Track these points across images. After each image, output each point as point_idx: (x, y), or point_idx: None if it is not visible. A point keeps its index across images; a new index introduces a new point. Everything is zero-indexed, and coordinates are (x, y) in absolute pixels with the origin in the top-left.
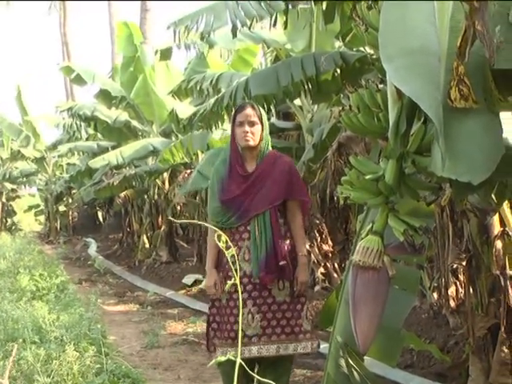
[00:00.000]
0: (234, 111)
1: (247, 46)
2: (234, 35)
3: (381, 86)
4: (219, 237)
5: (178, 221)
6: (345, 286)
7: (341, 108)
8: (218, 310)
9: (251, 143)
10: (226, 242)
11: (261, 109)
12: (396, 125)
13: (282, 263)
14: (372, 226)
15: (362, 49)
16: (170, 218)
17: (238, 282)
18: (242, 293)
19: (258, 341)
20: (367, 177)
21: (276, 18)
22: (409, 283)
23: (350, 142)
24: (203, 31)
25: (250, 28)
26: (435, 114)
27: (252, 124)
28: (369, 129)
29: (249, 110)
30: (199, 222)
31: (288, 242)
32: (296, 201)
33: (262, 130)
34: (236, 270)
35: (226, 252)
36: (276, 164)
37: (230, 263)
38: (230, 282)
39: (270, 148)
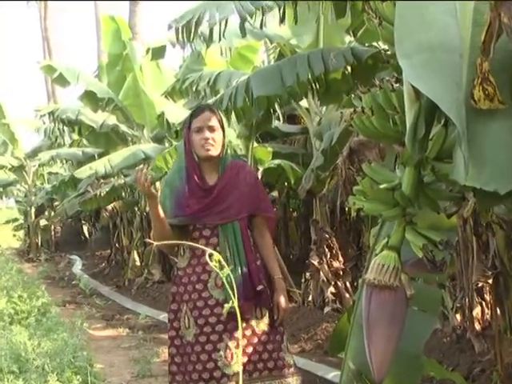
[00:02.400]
0: (188, 116)
1: (248, 42)
2: (243, 32)
3: (396, 85)
4: (211, 256)
5: (157, 242)
6: (358, 308)
7: (352, 110)
8: (179, 349)
9: (212, 152)
10: (220, 261)
11: (220, 113)
12: (413, 128)
13: (259, 288)
14: (387, 241)
15: (375, 44)
16: (147, 240)
17: (236, 304)
18: (215, 324)
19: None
20: (382, 186)
21: (284, 10)
22: (429, 304)
23: (363, 147)
24: (209, 23)
25: (262, 23)
26: (457, 116)
27: (212, 130)
28: (383, 133)
29: (207, 114)
30: (187, 243)
31: (259, 263)
32: (262, 217)
33: (224, 136)
34: (232, 289)
35: (220, 273)
36: (240, 175)
37: (226, 284)
38: (227, 306)
39: (229, 156)
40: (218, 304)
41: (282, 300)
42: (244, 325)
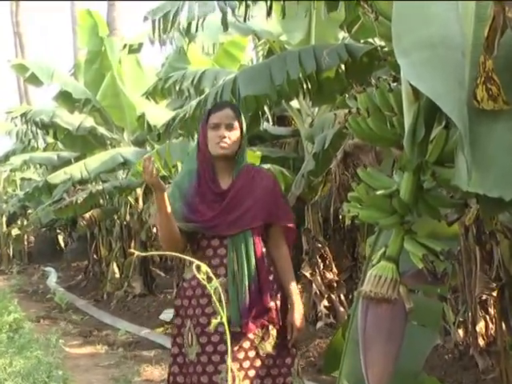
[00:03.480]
0: (207, 110)
1: (234, 38)
2: (225, 25)
3: (394, 84)
4: (198, 268)
5: (145, 253)
6: (353, 322)
7: (347, 111)
8: (182, 368)
9: (226, 151)
10: (207, 273)
11: (241, 112)
12: (412, 130)
13: (269, 305)
14: (385, 251)
15: (371, 41)
16: (131, 250)
17: (225, 320)
18: (217, 344)
19: None
20: (379, 192)
21: (271, 3)
22: (429, 318)
23: (358, 150)
24: (187, 18)
25: (245, 16)
26: (459, 117)
27: (230, 128)
28: (380, 135)
29: (227, 111)
30: (174, 254)
31: (272, 277)
32: (280, 227)
33: (242, 137)
34: (221, 302)
35: (207, 285)
36: (256, 180)
37: (214, 298)
38: (215, 321)
39: (246, 159)
40: (222, 322)
41: (297, 319)
42: (248, 345)
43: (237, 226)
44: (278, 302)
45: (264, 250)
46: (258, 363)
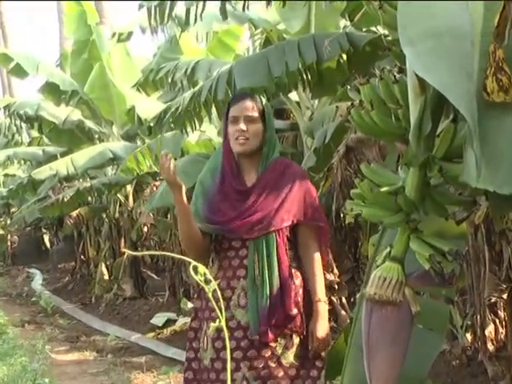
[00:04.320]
0: (226, 104)
1: (229, 27)
2: (224, 14)
3: (399, 75)
4: (195, 269)
5: (137, 253)
6: (356, 326)
7: (349, 104)
8: (196, 374)
9: (246, 147)
10: (205, 274)
11: (264, 101)
12: (419, 124)
13: (293, 313)
14: (390, 251)
15: (374, 29)
16: (124, 249)
17: (225, 329)
18: (233, 350)
19: None
20: (383, 189)
21: None
22: (436, 322)
23: (362, 145)
24: (186, 3)
25: (244, 5)
26: (468, 110)
27: (250, 120)
28: (384, 129)
29: (247, 102)
30: (169, 254)
31: (299, 282)
32: (311, 226)
33: (265, 129)
34: (220, 310)
35: (206, 287)
36: (285, 175)
37: (212, 300)
38: (214, 325)
39: (278, 154)
40: (239, 327)
41: (319, 328)
42: (268, 353)
43: (260, 228)
44: (303, 309)
45: (289, 252)
46: (281, 373)
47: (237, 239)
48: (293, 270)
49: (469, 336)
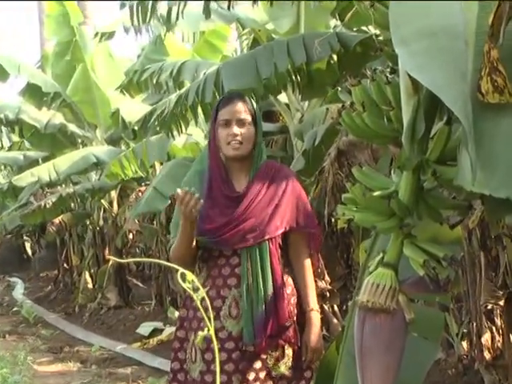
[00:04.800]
0: (215, 105)
1: (215, 26)
2: (207, 13)
3: (391, 76)
4: (183, 276)
5: (123, 260)
6: (348, 335)
7: (340, 105)
8: None
9: (240, 152)
10: (193, 282)
11: (254, 103)
12: (412, 126)
13: (286, 323)
14: (382, 257)
15: (365, 29)
16: (109, 256)
17: (214, 340)
18: (225, 362)
19: None
20: (375, 193)
21: None
22: (431, 329)
23: (353, 148)
24: (168, 4)
25: (229, 4)
26: (462, 112)
27: (242, 124)
28: (376, 132)
29: (238, 105)
30: (156, 261)
31: (290, 290)
32: (303, 233)
33: (256, 132)
34: (209, 319)
35: (194, 295)
36: (277, 179)
37: (201, 308)
38: (202, 334)
39: (265, 157)
40: (230, 338)
41: (313, 338)
42: (259, 365)
43: (254, 236)
44: (295, 318)
45: (281, 259)
46: None
47: (226, 248)
48: (284, 278)
49: (465, 344)
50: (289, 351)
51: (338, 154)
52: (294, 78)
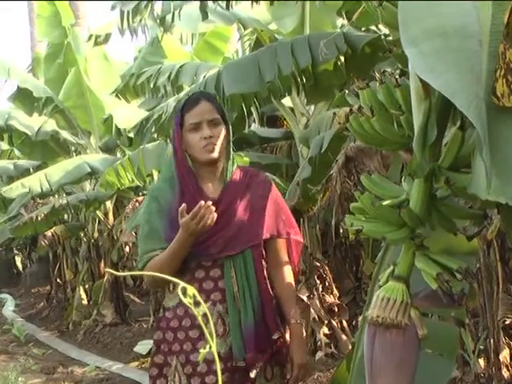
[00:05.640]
0: (178, 111)
1: (216, 27)
2: (204, 14)
3: (401, 78)
4: (184, 290)
5: (121, 273)
6: (358, 352)
7: (348, 109)
8: None
9: (215, 155)
10: (194, 296)
11: (217, 100)
12: (423, 131)
13: (275, 336)
14: (393, 270)
15: (373, 29)
16: (107, 269)
17: (215, 352)
18: None
19: None
20: (385, 202)
21: None
22: (445, 346)
23: (362, 155)
24: (162, 8)
25: (228, 4)
26: (476, 116)
27: (214, 124)
28: (386, 137)
29: (204, 104)
30: (156, 274)
31: (275, 301)
32: (282, 240)
33: (228, 132)
34: (210, 331)
35: (195, 311)
36: (253, 184)
37: (202, 324)
38: (203, 351)
39: (236, 162)
40: (219, 358)
41: (300, 353)
42: (252, 380)
43: (235, 245)
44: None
45: (265, 269)
46: None
47: (207, 258)
48: (269, 289)
49: (482, 362)
50: (276, 368)
51: (345, 161)
52: (298, 80)
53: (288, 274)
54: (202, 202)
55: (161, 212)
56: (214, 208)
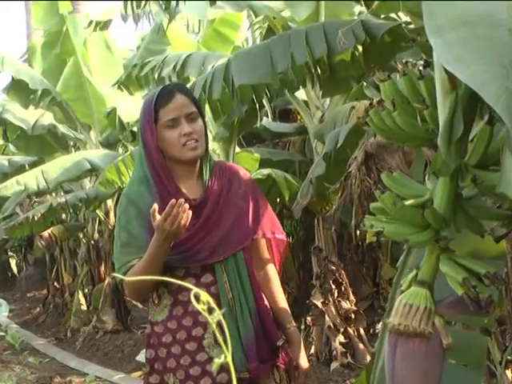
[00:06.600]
0: (151, 103)
1: (225, 14)
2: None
3: (425, 70)
4: (196, 297)
5: (128, 278)
6: (378, 362)
7: (367, 103)
8: None
9: (200, 151)
10: (208, 303)
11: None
12: (449, 126)
13: (280, 343)
14: (416, 274)
15: (394, 16)
16: (114, 274)
17: (230, 360)
18: None
19: None
20: (408, 202)
21: None
22: (471, 356)
23: (382, 151)
24: None
25: None
26: (505, 110)
27: (192, 118)
28: (409, 133)
29: (181, 98)
30: (159, 278)
31: (268, 304)
32: (265, 239)
33: (205, 125)
34: (226, 343)
35: (209, 318)
36: (235, 182)
37: (217, 333)
38: (218, 361)
39: (213, 157)
40: (222, 369)
41: (303, 359)
42: None
43: (225, 248)
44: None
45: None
46: None
47: (196, 264)
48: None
49: (509, 373)
50: (284, 375)
51: (365, 158)
52: (313, 71)
53: (274, 275)
54: (174, 201)
55: (141, 218)
56: (187, 206)
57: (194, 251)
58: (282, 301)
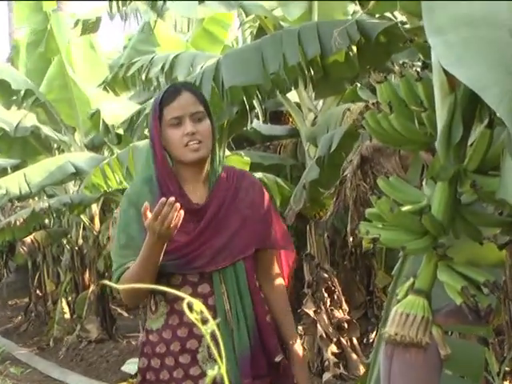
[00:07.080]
0: (156, 103)
1: (215, 13)
2: None
3: (423, 71)
4: (190, 306)
5: (118, 286)
6: (374, 373)
7: (360, 105)
8: None
9: (202, 153)
10: (202, 313)
11: (202, 93)
12: (447, 130)
13: (278, 359)
14: (413, 282)
15: (389, 16)
16: (103, 282)
17: (224, 372)
18: None
19: None
20: (404, 208)
21: None
22: (469, 367)
23: (378, 155)
24: None
25: None
26: (507, 113)
27: (198, 118)
28: (406, 136)
29: (185, 96)
30: (150, 286)
31: (269, 318)
32: (274, 251)
33: (213, 127)
34: (220, 355)
35: (203, 329)
36: (241, 189)
37: (211, 345)
38: (212, 372)
39: (221, 161)
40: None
41: (304, 377)
42: None
43: (225, 256)
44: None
45: (257, 282)
46: None
47: (193, 271)
48: (264, 306)
49: None
50: None
51: (360, 162)
52: (306, 72)
53: (282, 288)
54: (164, 199)
55: (140, 219)
56: (179, 205)
57: (192, 257)
58: (288, 316)
